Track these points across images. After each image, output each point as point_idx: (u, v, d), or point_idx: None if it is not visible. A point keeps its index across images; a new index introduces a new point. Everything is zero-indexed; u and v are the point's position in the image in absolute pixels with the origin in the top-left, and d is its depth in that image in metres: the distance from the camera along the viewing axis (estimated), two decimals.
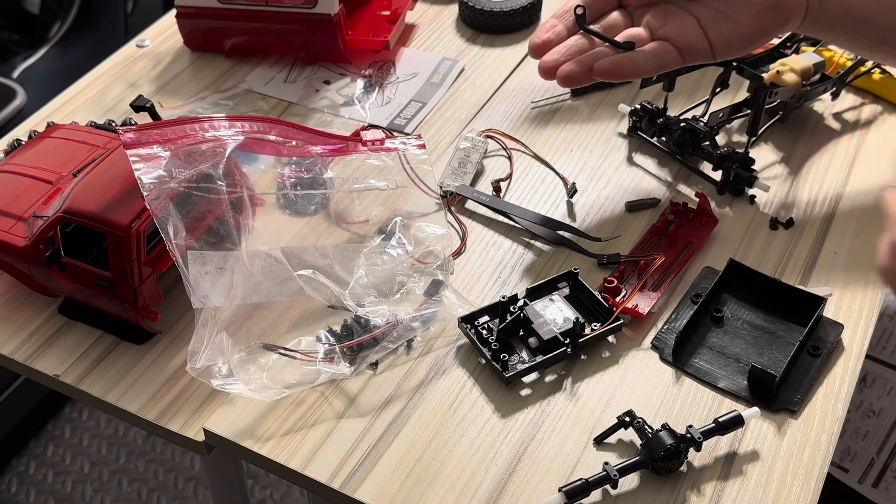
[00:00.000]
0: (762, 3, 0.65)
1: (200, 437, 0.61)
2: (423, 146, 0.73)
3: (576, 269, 0.68)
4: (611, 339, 0.66)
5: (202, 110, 0.86)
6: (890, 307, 0.97)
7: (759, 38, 0.67)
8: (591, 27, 0.66)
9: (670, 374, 0.64)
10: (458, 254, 0.72)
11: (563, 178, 0.79)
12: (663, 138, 0.80)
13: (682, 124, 0.78)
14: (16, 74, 1.50)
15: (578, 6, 0.66)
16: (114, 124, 0.79)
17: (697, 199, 0.73)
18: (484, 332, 0.65)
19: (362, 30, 0.91)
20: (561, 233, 0.73)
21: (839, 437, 0.84)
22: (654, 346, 0.65)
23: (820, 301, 0.65)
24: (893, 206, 0.57)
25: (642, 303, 0.66)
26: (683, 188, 0.77)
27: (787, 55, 0.82)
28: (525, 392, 0.63)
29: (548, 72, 0.65)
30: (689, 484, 0.58)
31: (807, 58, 0.79)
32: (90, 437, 1.59)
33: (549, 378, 0.64)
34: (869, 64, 0.84)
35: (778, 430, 0.60)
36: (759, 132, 0.77)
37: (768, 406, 0.61)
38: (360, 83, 0.89)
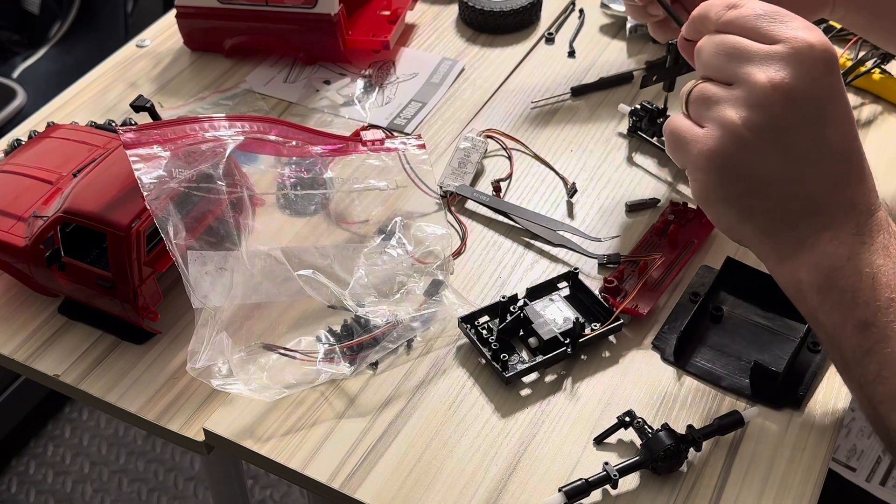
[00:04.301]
0: None
1: (200, 437, 0.61)
2: (423, 146, 0.73)
3: (576, 269, 0.68)
4: (611, 339, 0.66)
5: (202, 110, 0.86)
6: None
7: None
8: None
9: (670, 373, 0.64)
10: (458, 254, 0.72)
11: (563, 178, 0.79)
12: (663, 138, 0.80)
13: None
14: (16, 74, 1.50)
15: None
16: (114, 124, 0.79)
17: None
18: (484, 332, 0.65)
19: (362, 30, 0.91)
20: (561, 233, 0.73)
21: (845, 437, 0.84)
22: (655, 346, 0.65)
23: None
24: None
25: (642, 303, 0.66)
26: (683, 188, 0.77)
27: None
28: (525, 392, 0.63)
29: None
30: (689, 484, 0.58)
31: None
32: (90, 437, 1.59)
33: (549, 378, 0.64)
34: (869, 64, 0.84)
35: (778, 430, 0.60)
36: None
37: (771, 403, 0.61)
38: (360, 83, 0.89)
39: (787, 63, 0.52)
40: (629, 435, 0.60)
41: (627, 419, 0.59)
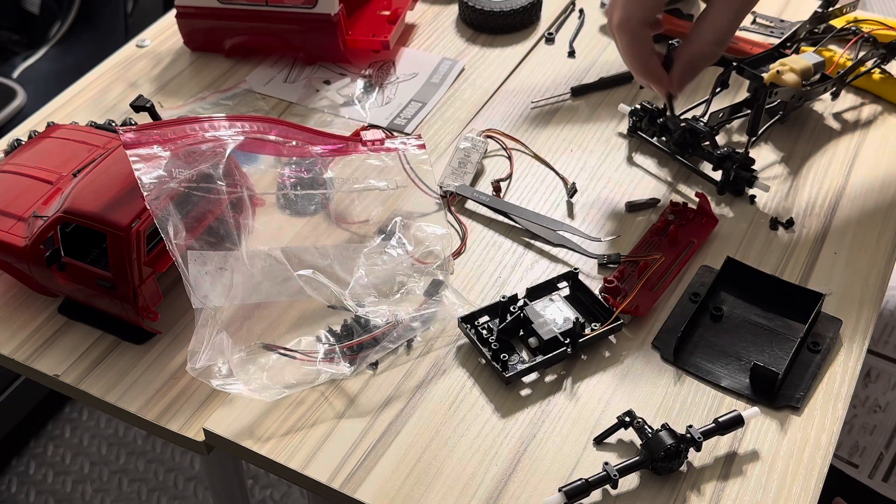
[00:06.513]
0: None
1: (200, 437, 0.61)
2: (423, 146, 0.73)
3: (576, 269, 0.68)
4: (611, 339, 0.66)
5: (202, 110, 0.86)
6: (890, 302, 0.97)
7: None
8: None
9: (670, 373, 0.64)
10: (458, 254, 0.72)
11: (563, 178, 0.79)
12: (663, 138, 0.80)
13: (683, 124, 0.78)
14: (16, 74, 1.50)
15: None
16: (114, 124, 0.79)
17: (697, 199, 0.73)
18: (484, 332, 0.65)
19: (362, 30, 0.91)
20: (561, 233, 0.73)
21: (847, 433, 0.84)
22: (655, 346, 0.65)
23: (819, 296, 0.65)
24: None
25: (642, 303, 0.66)
26: (683, 188, 0.77)
27: (787, 55, 0.82)
28: (525, 392, 0.63)
29: None
30: (689, 484, 0.58)
31: (807, 58, 0.79)
32: (90, 437, 1.59)
33: (549, 378, 0.64)
34: (869, 64, 0.84)
35: (778, 430, 0.60)
36: (759, 132, 0.77)
37: (771, 403, 0.61)
38: (360, 83, 0.89)
39: None
40: (629, 435, 0.60)
41: (627, 419, 0.59)
